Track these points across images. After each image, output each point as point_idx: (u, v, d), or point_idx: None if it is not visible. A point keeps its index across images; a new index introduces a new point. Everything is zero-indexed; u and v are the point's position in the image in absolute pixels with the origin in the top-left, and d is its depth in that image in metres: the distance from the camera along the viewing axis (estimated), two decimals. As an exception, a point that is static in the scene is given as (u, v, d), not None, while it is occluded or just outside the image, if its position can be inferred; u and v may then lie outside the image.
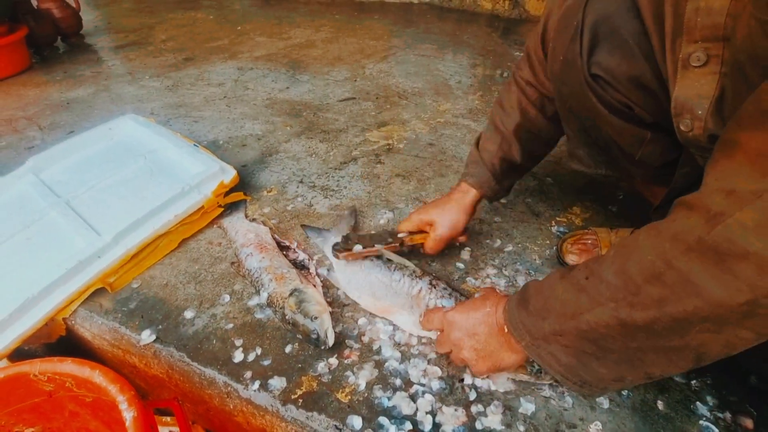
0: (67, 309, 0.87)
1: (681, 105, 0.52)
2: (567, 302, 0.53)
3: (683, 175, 0.63)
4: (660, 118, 0.60)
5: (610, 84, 0.61)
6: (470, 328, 0.65)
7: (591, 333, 0.51)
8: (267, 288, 0.82)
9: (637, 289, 0.46)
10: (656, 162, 0.67)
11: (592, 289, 0.51)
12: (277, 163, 1.31)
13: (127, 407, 0.62)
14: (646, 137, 0.63)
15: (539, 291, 0.58)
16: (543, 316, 0.56)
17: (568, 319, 0.53)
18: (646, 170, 0.71)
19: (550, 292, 0.57)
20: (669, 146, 0.64)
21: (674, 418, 0.65)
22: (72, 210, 1.01)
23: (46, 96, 1.84)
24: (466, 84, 1.80)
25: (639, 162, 0.67)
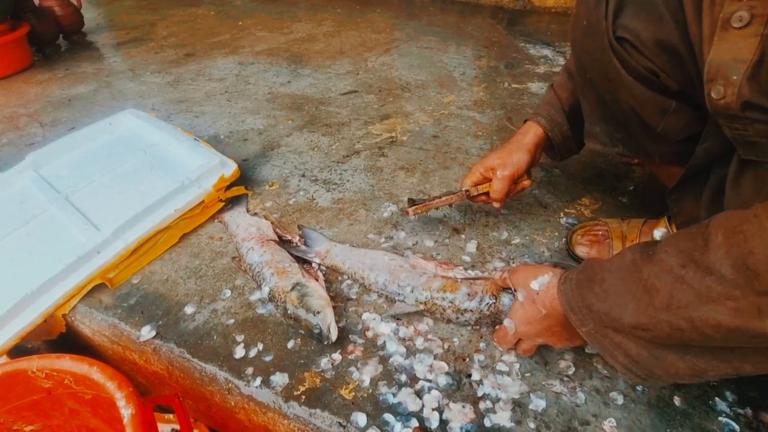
0: (67, 305, 0.85)
1: (715, 70, 0.48)
2: (657, 292, 0.46)
3: (704, 150, 0.59)
4: (686, 86, 0.57)
5: (636, 48, 0.58)
6: (545, 331, 0.64)
7: (689, 332, 0.45)
8: (268, 282, 0.80)
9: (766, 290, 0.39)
10: (678, 135, 0.63)
11: (697, 282, 0.44)
12: (279, 157, 1.29)
13: (125, 404, 0.60)
14: (670, 107, 0.60)
15: (610, 272, 0.52)
16: (620, 303, 0.50)
17: (660, 311, 0.46)
18: (665, 146, 0.67)
19: (628, 275, 0.50)
20: (692, 118, 0.60)
21: (692, 414, 0.62)
22: (71, 205, 0.99)
23: (47, 93, 1.83)
24: (470, 76, 1.77)
25: (659, 136, 0.64)
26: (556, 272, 0.62)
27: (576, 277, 0.57)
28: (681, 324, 0.45)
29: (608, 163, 1.19)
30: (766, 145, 0.49)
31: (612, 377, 0.67)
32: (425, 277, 0.78)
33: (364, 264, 0.84)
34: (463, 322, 0.75)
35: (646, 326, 0.48)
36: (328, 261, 0.89)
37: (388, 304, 0.81)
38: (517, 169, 0.85)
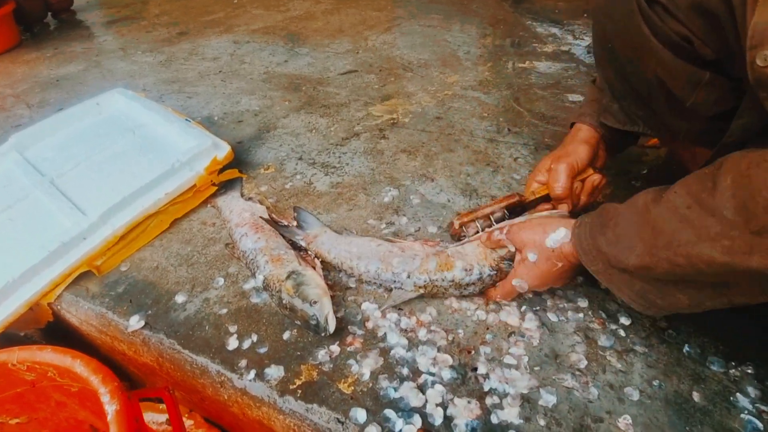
0: (52, 293, 0.81)
1: (760, 33, 0.42)
2: (662, 232, 0.49)
3: (740, 127, 0.54)
4: (722, 54, 0.51)
5: (669, 11, 0.52)
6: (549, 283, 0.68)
7: (686, 268, 0.48)
8: (263, 270, 0.76)
9: (763, 230, 0.42)
10: (709, 110, 0.58)
11: (699, 222, 0.46)
12: (275, 140, 1.23)
13: (110, 400, 0.57)
14: (703, 78, 0.54)
15: (622, 215, 0.55)
16: (628, 246, 0.53)
17: (662, 249, 0.49)
18: (693, 123, 0.62)
19: (638, 218, 0.53)
20: (727, 92, 0.55)
21: (712, 412, 0.59)
22: (56, 189, 0.94)
23: (35, 73, 1.76)
24: (475, 55, 1.69)
25: (688, 112, 0.58)
26: (567, 223, 0.64)
27: (590, 222, 0.59)
28: (679, 260, 0.48)
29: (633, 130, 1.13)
30: None
31: (626, 372, 0.64)
32: (418, 259, 0.74)
33: (351, 253, 0.78)
34: (467, 295, 0.74)
35: (648, 266, 0.51)
36: (314, 247, 0.83)
37: (388, 294, 0.77)
38: (576, 160, 0.76)
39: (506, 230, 0.70)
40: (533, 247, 0.66)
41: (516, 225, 0.70)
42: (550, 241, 0.64)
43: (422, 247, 0.77)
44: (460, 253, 0.73)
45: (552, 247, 0.64)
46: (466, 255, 0.73)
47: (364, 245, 0.79)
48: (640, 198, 0.54)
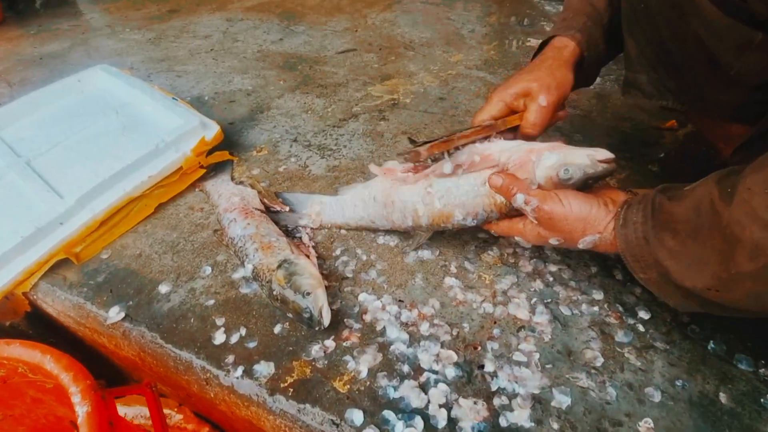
0: (27, 282, 0.76)
1: None
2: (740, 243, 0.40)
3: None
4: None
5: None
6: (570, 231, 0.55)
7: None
8: (252, 259, 0.70)
9: None
10: (756, 78, 0.51)
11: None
12: (269, 121, 1.16)
13: (81, 400, 0.52)
14: (755, 40, 0.48)
15: (684, 220, 0.45)
16: (697, 260, 0.44)
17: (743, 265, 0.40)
18: (734, 95, 0.55)
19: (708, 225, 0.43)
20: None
21: (741, 414, 0.54)
22: (32, 171, 0.88)
23: (18, 51, 1.68)
24: (479, 33, 1.61)
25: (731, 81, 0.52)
26: (607, 218, 0.53)
27: (641, 222, 0.49)
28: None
29: (635, 128, 1.07)
30: None
31: (646, 370, 0.58)
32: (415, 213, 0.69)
33: (362, 216, 0.76)
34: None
35: (723, 287, 0.43)
36: (326, 221, 0.79)
37: (388, 285, 0.71)
38: (564, 92, 0.67)
39: (532, 204, 0.57)
40: (560, 237, 0.58)
41: (548, 205, 0.56)
42: (583, 243, 0.56)
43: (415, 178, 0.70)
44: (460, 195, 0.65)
45: (580, 247, 0.56)
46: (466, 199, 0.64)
47: (368, 201, 0.76)
48: (701, 195, 0.45)
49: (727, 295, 0.44)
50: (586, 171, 0.57)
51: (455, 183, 0.65)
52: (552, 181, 0.58)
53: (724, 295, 0.44)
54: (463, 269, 0.73)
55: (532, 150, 0.61)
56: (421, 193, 0.68)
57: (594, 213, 0.54)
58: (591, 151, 0.58)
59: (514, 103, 0.68)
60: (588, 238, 0.55)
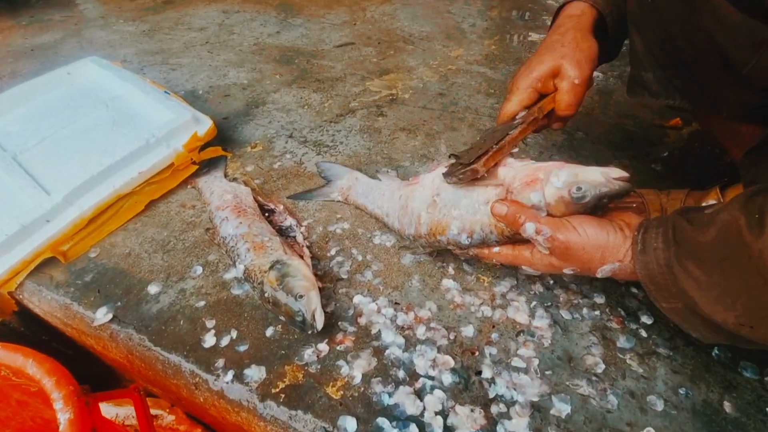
0: (12, 282, 0.74)
1: None
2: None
3: None
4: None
5: None
6: (588, 260, 0.51)
7: None
8: (243, 259, 0.68)
9: None
10: None
11: None
12: (264, 116, 1.14)
13: (63, 407, 0.50)
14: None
15: (710, 247, 0.42)
16: (725, 293, 0.41)
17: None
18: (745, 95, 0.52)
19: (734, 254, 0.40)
20: None
21: (746, 425, 0.52)
22: (19, 165, 0.85)
23: (8, 42, 1.64)
24: (480, 27, 1.58)
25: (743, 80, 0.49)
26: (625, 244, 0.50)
27: (663, 249, 0.46)
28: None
29: (638, 126, 1.05)
30: None
31: (649, 378, 0.57)
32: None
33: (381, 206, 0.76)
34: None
35: (755, 323, 0.40)
36: (351, 199, 0.81)
37: (384, 286, 0.69)
38: (594, 64, 0.60)
39: (545, 233, 0.52)
40: (576, 267, 0.53)
41: (563, 234, 0.52)
42: (602, 273, 0.52)
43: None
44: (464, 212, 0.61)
45: (599, 276, 0.53)
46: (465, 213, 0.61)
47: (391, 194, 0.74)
48: (726, 222, 0.42)
49: (761, 332, 0.41)
50: (601, 189, 0.52)
51: (460, 195, 0.62)
52: (563, 201, 0.53)
53: (758, 332, 0.41)
54: (462, 271, 0.72)
55: (540, 168, 0.56)
56: (428, 201, 0.65)
57: (612, 240, 0.50)
58: (604, 168, 0.54)
59: (544, 86, 0.62)
60: (607, 267, 0.51)
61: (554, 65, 0.61)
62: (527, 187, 0.55)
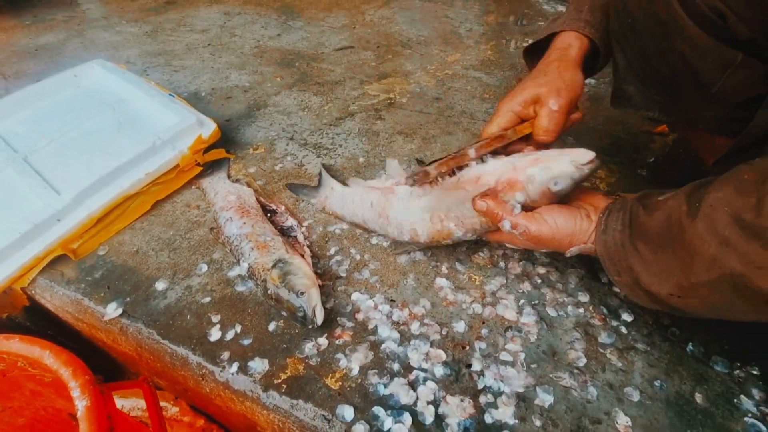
0: (25, 278, 0.77)
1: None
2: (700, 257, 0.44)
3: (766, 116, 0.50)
4: (759, 33, 0.47)
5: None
6: (558, 245, 0.58)
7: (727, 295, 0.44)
8: (247, 258, 0.71)
9: None
10: (737, 97, 0.53)
11: (743, 246, 0.41)
12: (266, 118, 1.17)
13: (80, 395, 0.53)
14: (735, 60, 0.50)
15: (656, 232, 0.49)
16: (664, 269, 0.48)
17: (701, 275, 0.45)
18: (717, 110, 0.57)
19: (673, 237, 0.47)
20: (759, 76, 0.50)
21: (714, 414, 0.56)
22: (29, 166, 0.89)
23: (12, 42, 1.66)
24: (477, 32, 1.61)
25: (714, 97, 0.54)
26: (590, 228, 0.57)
27: (620, 230, 0.53)
28: (723, 286, 0.44)
29: (626, 132, 1.09)
30: None
31: (627, 371, 0.61)
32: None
33: (357, 215, 0.78)
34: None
35: (684, 294, 0.47)
36: (329, 209, 0.84)
37: (381, 284, 0.73)
38: (576, 94, 0.64)
39: (520, 228, 0.58)
40: (549, 249, 0.61)
41: (535, 227, 0.58)
42: (570, 252, 0.59)
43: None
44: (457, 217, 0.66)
45: (566, 255, 0.59)
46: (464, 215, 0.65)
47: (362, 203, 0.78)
48: (672, 208, 0.48)
49: (686, 302, 0.48)
50: (573, 178, 0.59)
51: (450, 202, 0.66)
52: (545, 195, 0.60)
53: (684, 301, 0.48)
54: (454, 270, 0.75)
55: (516, 168, 0.61)
56: (418, 214, 0.68)
57: (579, 226, 0.57)
58: (572, 155, 0.59)
59: (523, 111, 0.66)
60: (574, 249, 0.58)
61: (535, 93, 0.64)
62: (511, 189, 0.61)
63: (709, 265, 0.44)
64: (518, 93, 0.66)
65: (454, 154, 0.67)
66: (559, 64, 0.65)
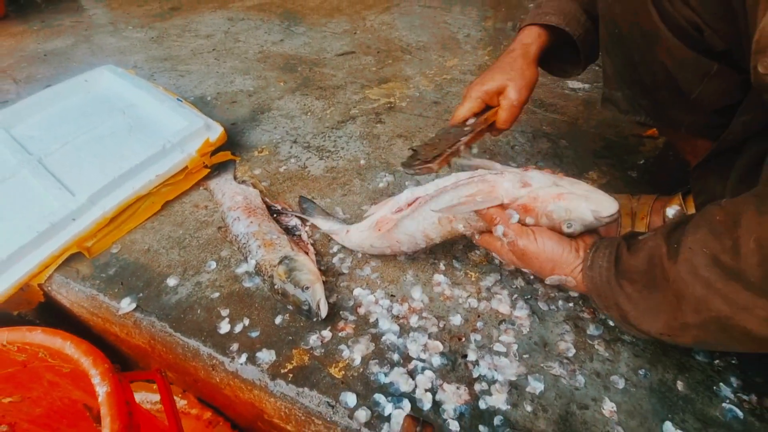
0: (42, 275, 0.81)
1: (766, 39, 0.41)
2: (686, 299, 0.46)
3: (742, 124, 0.53)
4: (734, 45, 0.50)
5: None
6: (539, 268, 0.60)
7: (715, 335, 0.46)
8: (255, 255, 0.75)
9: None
10: (714, 104, 0.57)
11: (725, 289, 0.43)
12: (270, 122, 1.21)
13: (100, 381, 0.57)
14: (711, 70, 0.53)
15: (640, 272, 0.51)
16: (651, 309, 0.50)
17: (689, 316, 0.46)
18: (697, 116, 0.61)
19: (658, 279, 0.48)
20: (734, 86, 0.54)
21: (695, 400, 0.60)
22: (44, 168, 0.93)
23: (21, 47, 1.71)
24: (475, 38, 1.65)
25: (693, 104, 0.58)
26: (575, 262, 0.58)
27: (606, 267, 0.54)
28: (710, 326, 0.45)
29: (618, 135, 1.13)
30: None
31: (613, 360, 0.65)
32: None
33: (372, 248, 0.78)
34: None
35: (673, 334, 0.49)
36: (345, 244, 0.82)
37: (381, 280, 0.77)
38: (531, 89, 0.71)
39: (509, 237, 0.61)
40: (529, 270, 0.63)
41: (522, 242, 0.60)
42: (550, 281, 0.61)
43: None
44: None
45: (547, 283, 0.62)
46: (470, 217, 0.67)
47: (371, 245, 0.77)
48: (653, 248, 0.50)
49: (678, 340, 0.50)
50: (586, 225, 0.59)
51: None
52: (555, 228, 0.61)
53: (675, 339, 0.50)
54: (451, 267, 0.79)
55: (537, 198, 0.61)
56: (429, 219, 0.69)
57: (565, 256, 0.58)
58: (596, 205, 0.58)
59: (489, 99, 0.74)
60: (555, 278, 0.60)
61: (501, 85, 0.71)
62: (524, 213, 0.62)
63: (697, 307, 0.45)
64: (487, 82, 0.73)
65: (449, 151, 0.69)
66: (522, 61, 0.72)
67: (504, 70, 0.72)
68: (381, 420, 0.59)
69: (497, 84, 0.72)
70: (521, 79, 0.71)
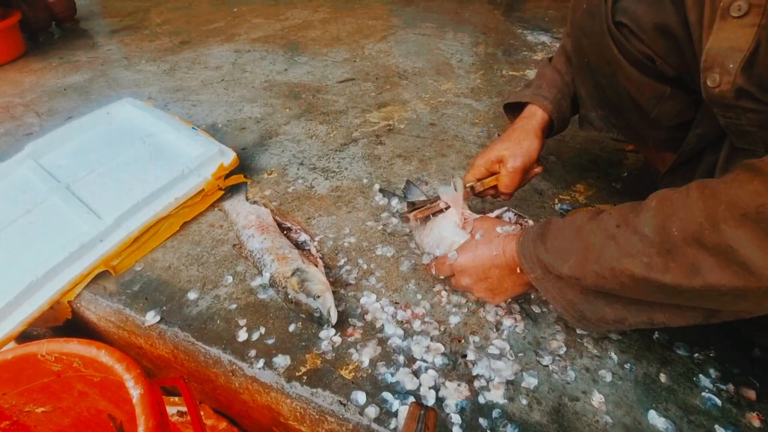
0: (72, 292, 0.87)
1: (712, 58, 0.49)
2: (592, 247, 0.52)
3: (696, 136, 0.61)
4: (682, 71, 0.59)
5: (634, 33, 0.59)
6: (480, 274, 0.68)
7: (611, 281, 0.51)
8: (269, 268, 0.82)
9: (673, 249, 0.45)
10: (671, 121, 0.65)
11: (623, 239, 0.49)
12: (277, 146, 1.29)
13: (134, 385, 0.62)
14: (665, 93, 0.62)
15: (561, 229, 0.58)
16: (563, 257, 0.56)
17: (591, 263, 0.52)
18: (659, 132, 0.69)
19: (574, 233, 0.56)
20: (686, 105, 0.62)
21: (677, 390, 0.65)
22: (72, 194, 1.00)
23: (42, 82, 1.82)
24: (467, 63, 1.76)
25: (653, 122, 0.66)
26: (509, 241, 0.67)
27: (534, 231, 0.62)
28: (605, 273, 0.51)
29: (603, 150, 1.21)
30: (758, 133, 0.51)
31: (601, 356, 0.70)
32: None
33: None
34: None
35: (578, 276, 0.55)
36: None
37: (386, 289, 0.83)
38: (530, 158, 0.80)
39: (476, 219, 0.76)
40: (484, 230, 0.70)
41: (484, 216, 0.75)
42: (500, 228, 0.69)
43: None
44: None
45: (498, 233, 0.68)
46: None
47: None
48: (580, 216, 0.58)
49: (583, 282, 0.55)
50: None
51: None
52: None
53: (580, 282, 0.55)
54: (450, 275, 0.85)
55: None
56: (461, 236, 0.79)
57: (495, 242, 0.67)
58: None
59: (492, 167, 0.83)
60: (506, 228, 0.67)
61: (500, 154, 0.81)
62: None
63: (598, 256, 0.52)
64: (489, 152, 0.83)
65: (427, 206, 0.83)
66: (520, 133, 0.81)
67: (504, 141, 0.82)
68: (389, 415, 0.64)
69: (497, 153, 0.81)
70: (518, 149, 0.80)
